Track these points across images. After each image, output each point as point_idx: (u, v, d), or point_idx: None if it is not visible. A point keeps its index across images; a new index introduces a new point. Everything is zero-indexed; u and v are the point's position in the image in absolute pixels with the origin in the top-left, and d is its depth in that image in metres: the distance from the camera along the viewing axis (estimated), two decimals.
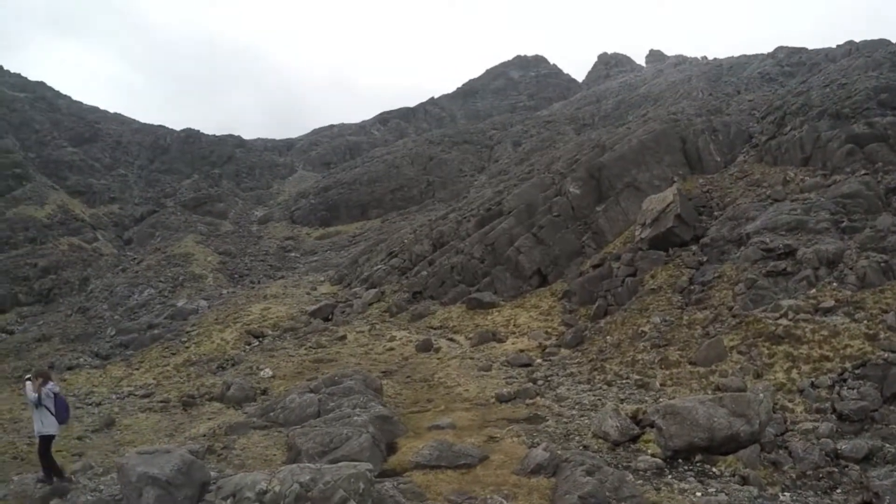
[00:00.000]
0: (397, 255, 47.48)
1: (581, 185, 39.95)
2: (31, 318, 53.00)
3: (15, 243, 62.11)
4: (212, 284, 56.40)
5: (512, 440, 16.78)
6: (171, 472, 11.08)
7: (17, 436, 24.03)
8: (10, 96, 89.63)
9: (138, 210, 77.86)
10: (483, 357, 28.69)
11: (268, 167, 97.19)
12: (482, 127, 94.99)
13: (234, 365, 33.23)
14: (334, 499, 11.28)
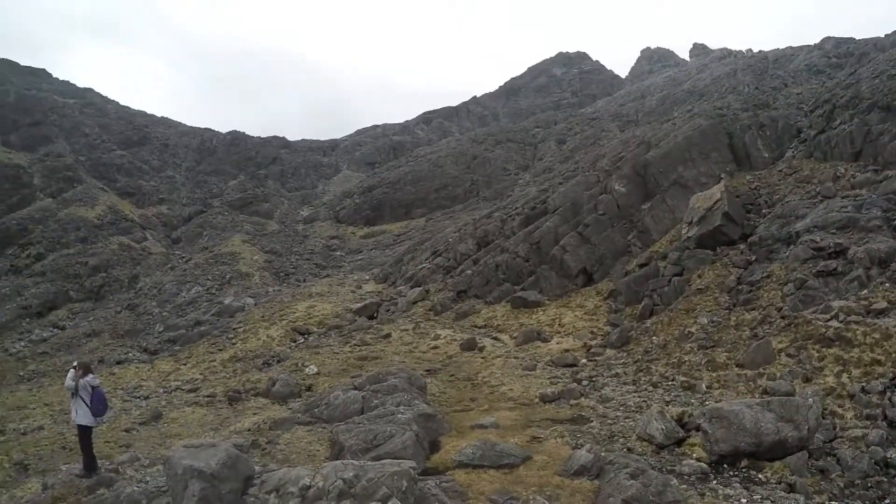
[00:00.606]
0: (442, 254, 47.52)
1: (626, 182, 39.43)
2: (81, 315, 54.29)
3: (67, 243, 63.77)
4: (258, 282, 57.19)
5: (555, 441, 16.63)
6: (217, 466, 11.11)
7: (65, 427, 24.73)
8: (60, 102, 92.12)
9: (186, 210, 79.35)
10: (527, 356, 28.48)
11: (312, 167, 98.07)
12: (525, 125, 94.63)
13: (280, 361, 33.59)
14: (377, 496, 11.28)
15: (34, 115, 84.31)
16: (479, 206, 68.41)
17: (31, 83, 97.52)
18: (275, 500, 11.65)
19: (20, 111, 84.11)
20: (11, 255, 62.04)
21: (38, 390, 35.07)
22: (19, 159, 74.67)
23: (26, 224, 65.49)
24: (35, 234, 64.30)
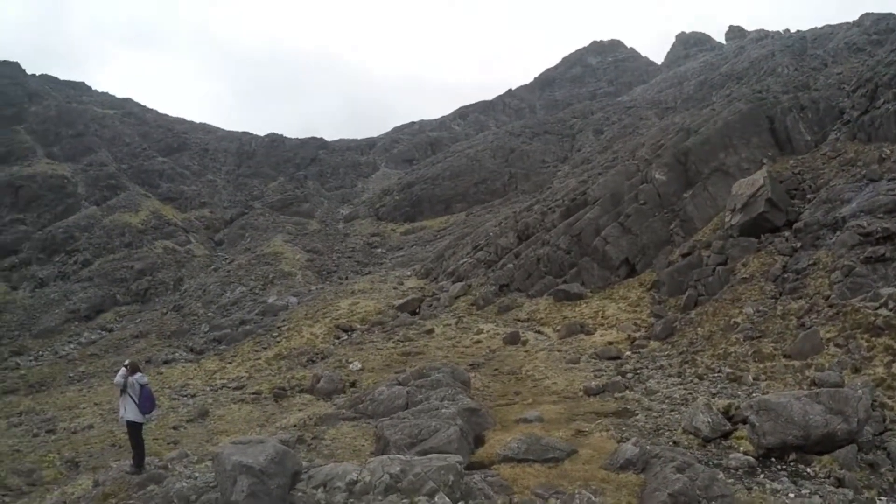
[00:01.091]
0: (483, 248, 47.44)
1: (667, 171, 38.83)
2: (128, 317, 55.44)
3: (112, 248, 65.33)
4: (301, 281, 57.74)
5: (600, 434, 16.53)
6: (265, 462, 11.21)
7: (115, 425, 25.14)
8: (100, 113, 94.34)
9: (228, 213, 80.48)
10: (571, 349, 28.26)
11: (351, 166, 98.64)
12: (562, 116, 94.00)
13: (324, 358, 33.88)
14: (423, 490, 11.32)
15: (76, 127, 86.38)
16: (519, 199, 68.20)
17: (72, 96, 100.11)
18: (322, 494, 11.72)
19: (62, 124, 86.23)
20: (59, 261, 63.76)
21: (88, 391, 35.86)
22: (63, 170, 76.68)
23: (73, 232, 67.23)
24: (81, 241, 65.97)
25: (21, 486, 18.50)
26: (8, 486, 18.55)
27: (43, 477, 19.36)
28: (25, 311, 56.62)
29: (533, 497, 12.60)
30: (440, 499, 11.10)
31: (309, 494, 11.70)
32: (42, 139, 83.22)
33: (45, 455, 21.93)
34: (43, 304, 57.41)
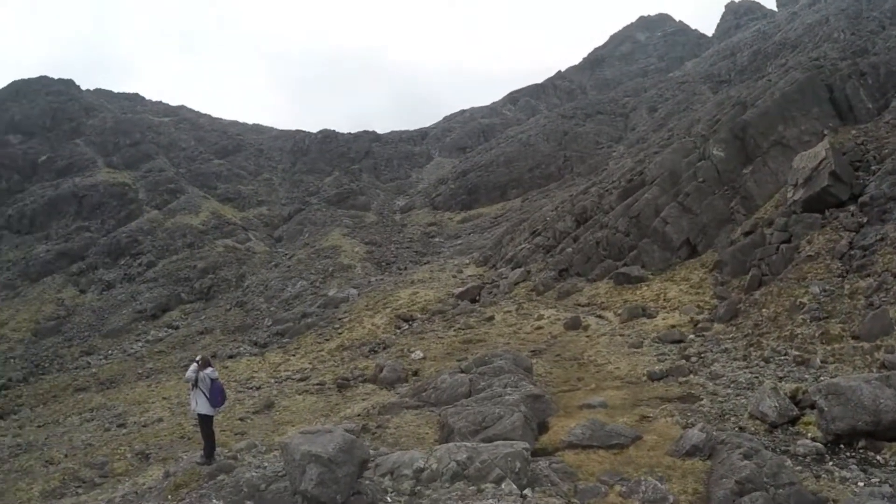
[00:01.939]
0: (540, 234, 47.07)
1: (725, 147, 37.70)
2: (193, 314, 56.87)
3: (175, 249, 67.16)
4: (360, 273, 58.32)
5: (665, 420, 16.34)
6: (334, 451, 11.23)
7: (183, 418, 26.07)
8: (155, 122, 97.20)
9: (285, 210, 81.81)
10: (633, 334, 27.80)
11: (405, 157, 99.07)
12: (614, 95, 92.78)
13: (386, 348, 34.18)
14: (490, 477, 11.41)
15: (133, 136, 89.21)
16: (575, 182, 67.62)
17: (127, 107, 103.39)
18: (389, 482, 11.92)
19: (119, 134, 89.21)
20: (125, 264, 65.83)
21: (157, 386, 37.03)
22: (124, 178, 79.31)
23: (136, 236, 69.40)
24: (145, 244, 68.01)
25: (94, 478, 19.21)
26: (81, 478, 19.28)
27: (114, 469, 20.07)
28: (94, 312, 58.60)
29: (598, 484, 12.57)
30: (507, 486, 11.16)
31: (376, 482, 11.87)
32: (101, 150, 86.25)
33: (117, 448, 22.69)
34: (111, 305, 59.33)
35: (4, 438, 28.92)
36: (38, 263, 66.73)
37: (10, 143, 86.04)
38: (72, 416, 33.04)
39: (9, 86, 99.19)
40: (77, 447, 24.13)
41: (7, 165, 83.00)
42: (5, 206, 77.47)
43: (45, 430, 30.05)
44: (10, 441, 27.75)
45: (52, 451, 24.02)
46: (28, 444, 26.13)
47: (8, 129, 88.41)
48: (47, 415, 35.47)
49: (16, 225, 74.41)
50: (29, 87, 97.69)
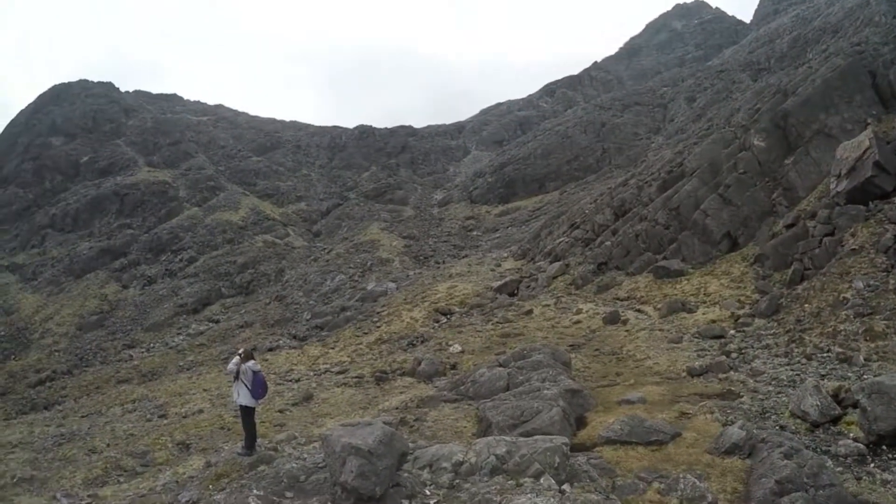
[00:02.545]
0: (579, 227, 46.71)
1: (765, 136, 36.71)
2: (233, 308, 57.78)
3: (216, 245, 68.33)
4: (398, 267, 58.62)
5: (705, 417, 16.10)
6: (374, 443, 11.28)
7: (223, 409, 26.43)
8: (194, 121, 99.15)
9: (323, 205, 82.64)
10: (673, 328, 27.40)
11: (441, 151, 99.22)
12: (651, 85, 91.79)
13: (424, 342, 34.26)
14: (530, 471, 11.39)
15: (172, 136, 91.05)
16: (613, 174, 67.10)
17: (165, 108, 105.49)
18: (428, 475, 11.95)
19: (159, 133, 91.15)
20: (166, 260, 67.15)
21: (197, 378, 37.63)
22: (164, 176, 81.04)
23: (177, 232, 70.82)
24: (185, 241, 69.30)
25: (135, 468, 19.49)
26: (123, 467, 19.60)
27: (156, 458, 20.32)
28: (136, 307, 59.89)
29: (636, 480, 12.49)
30: (546, 480, 11.13)
31: (415, 475, 11.91)
32: (141, 149, 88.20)
33: (158, 438, 23.00)
34: (152, 300, 60.58)
35: (49, 428, 29.45)
36: (82, 260, 68.46)
37: (52, 146, 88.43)
38: (114, 406, 33.58)
39: (50, 90, 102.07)
40: (119, 437, 24.54)
41: (50, 167, 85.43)
42: (49, 205, 79.86)
43: (88, 421, 30.52)
44: (55, 431, 28.26)
45: (95, 440, 24.40)
46: (71, 434, 26.56)
47: (50, 131, 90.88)
48: (90, 405, 36.14)
49: (60, 223, 76.58)
50: (69, 90, 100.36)
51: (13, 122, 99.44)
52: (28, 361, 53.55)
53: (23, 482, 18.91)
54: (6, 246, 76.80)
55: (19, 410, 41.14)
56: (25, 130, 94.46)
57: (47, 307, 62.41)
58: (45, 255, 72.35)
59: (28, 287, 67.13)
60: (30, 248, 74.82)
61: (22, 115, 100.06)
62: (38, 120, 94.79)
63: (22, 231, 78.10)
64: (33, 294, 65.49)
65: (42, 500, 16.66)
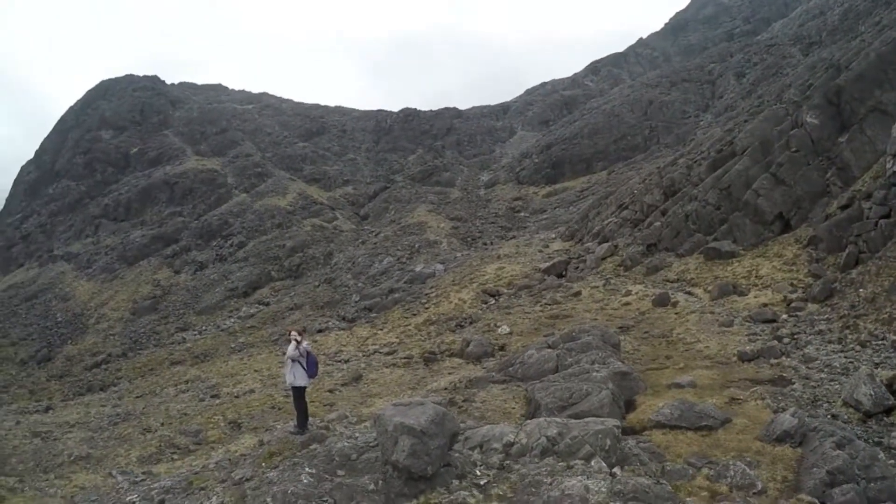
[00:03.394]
0: (628, 207, 46.13)
1: (819, 113, 35.54)
2: (283, 291, 58.67)
3: (265, 230, 69.43)
4: (446, 249, 58.82)
5: (755, 403, 15.91)
6: (426, 423, 11.18)
7: (274, 389, 26.97)
8: (240, 110, 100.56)
9: (370, 188, 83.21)
10: (723, 311, 26.92)
11: (487, 133, 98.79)
12: (699, 62, 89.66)
13: (472, 323, 34.38)
14: (580, 454, 11.36)
15: (219, 125, 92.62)
16: (662, 153, 66.17)
17: (211, 97, 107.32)
18: (478, 455, 11.98)
19: (206, 123, 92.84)
20: (216, 245, 68.46)
21: (248, 359, 38.42)
22: (212, 164, 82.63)
23: (226, 218, 72.16)
24: (235, 226, 70.53)
25: (188, 445, 19.99)
26: (176, 445, 20.11)
27: (208, 437, 20.83)
28: (188, 291, 61.21)
29: (686, 466, 12.41)
30: (596, 463, 11.10)
31: (465, 455, 11.95)
32: (189, 139, 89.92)
33: (210, 417, 23.55)
34: (204, 284, 61.87)
35: (104, 408, 30.34)
36: (135, 248, 70.26)
37: (102, 139, 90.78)
38: (168, 387, 34.58)
39: (98, 86, 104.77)
40: (173, 416, 25.11)
41: (101, 159, 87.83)
42: (102, 196, 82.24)
43: (143, 401, 31.38)
44: (110, 411, 29.04)
45: (149, 419, 25.01)
46: (126, 414, 27.27)
47: (100, 125, 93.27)
48: (145, 386, 37.21)
49: (112, 213, 78.82)
50: (117, 85, 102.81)
51: (63, 119, 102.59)
52: (84, 345, 55.26)
53: (80, 460, 19.50)
54: (61, 236, 79.52)
55: (76, 392, 42.52)
56: (75, 126, 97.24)
57: (102, 293, 64.21)
58: (99, 244, 74.49)
59: (83, 275, 69.16)
60: (84, 238, 77.13)
61: (71, 111, 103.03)
62: (88, 115, 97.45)
63: (76, 222, 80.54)
64: (88, 281, 67.45)
65: (98, 477, 17.07)
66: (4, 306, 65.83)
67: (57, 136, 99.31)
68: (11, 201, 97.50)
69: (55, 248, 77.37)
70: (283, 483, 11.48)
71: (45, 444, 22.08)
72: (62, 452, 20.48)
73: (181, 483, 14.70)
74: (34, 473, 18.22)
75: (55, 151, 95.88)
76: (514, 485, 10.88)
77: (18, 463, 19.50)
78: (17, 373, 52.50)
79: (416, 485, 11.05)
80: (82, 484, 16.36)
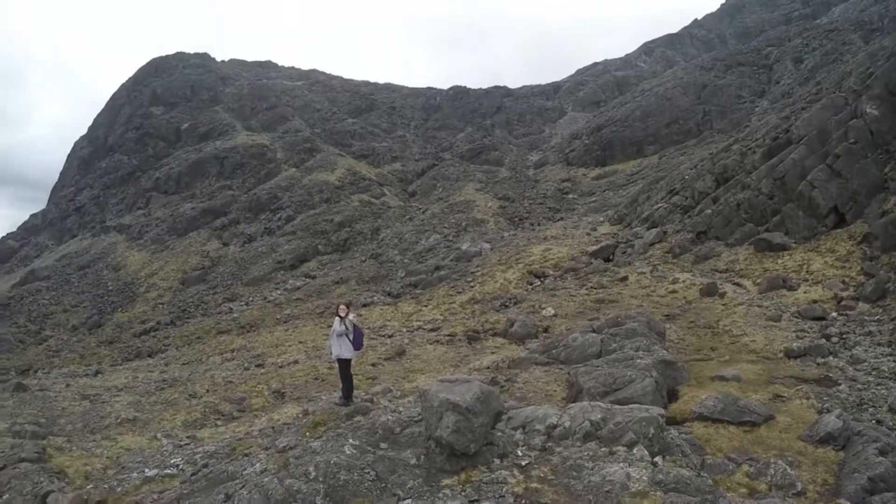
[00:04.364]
0: (678, 193, 45.58)
1: (879, 104, 34.18)
2: (329, 265, 59.68)
3: (313, 204, 70.48)
4: (493, 228, 59.01)
5: (800, 402, 15.62)
6: (471, 400, 11.26)
7: (318, 361, 27.36)
8: (289, 86, 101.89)
9: (419, 165, 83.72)
10: (772, 305, 26.34)
11: (537, 112, 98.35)
12: (756, 45, 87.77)
13: (517, 303, 34.41)
14: (623, 440, 11.28)
15: (269, 101, 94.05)
16: (715, 139, 65.18)
17: (261, 74, 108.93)
18: (521, 436, 11.95)
19: (256, 99, 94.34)
20: (265, 219, 69.70)
21: (294, 330, 39.06)
22: (262, 139, 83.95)
23: (275, 192, 73.42)
24: (283, 200, 71.69)
25: (232, 412, 20.43)
26: (221, 411, 20.57)
27: (252, 405, 21.19)
28: (237, 263, 62.55)
29: (726, 460, 12.32)
30: (638, 451, 10.97)
31: (508, 435, 11.91)
32: (239, 115, 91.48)
33: (255, 386, 23.94)
34: (252, 256, 63.12)
35: (152, 374, 31.18)
36: (185, 220, 71.96)
37: (153, 115, 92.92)
38: (214, 356, 35.35)
39: (148, 63, 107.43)
40: (218, 384, 25.57)
41: (153, 134, 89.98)
42: (153, 170, 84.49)
43: (189, 368, 32.09)
44: (157, 376, 29.78)
45: (195, 386, 25.52)
46: (173, 380, 27.89)
47: (151, 101, 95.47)
48: (191, 354, 38.14)
49: (163, 186, 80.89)
50: (167, 62, 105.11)
51: (115, 96, 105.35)
52: (134, 313, 57.03)
53: (126, 422, 20.03)
54: (113, 208, 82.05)
55: (125, 357, 43.89)
56: (127, 102, 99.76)
57: (152, 264, 66.00)
58: (150, 216, 76.59)
59: (134, 245, 71.24)
60: (135, 210, 79.36)
61: (123, 88, 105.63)
62: (139, 91, 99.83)
63: (128, 195, 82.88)
64: (139, 252, 69.37)
65: (143, 439, 17.44)
66: (58, 275, 68.26)
67: (109, 113, 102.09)
68: (65, 175, 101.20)
69: (107, 220, 79.85)
70: (326, 453, 11.61)
71: (93, 407, 22.70)
72: (109, 415, 21.06)
73: (224, 448, 15.00)
74: (82, 434, 18.72)
75: (108, 127, 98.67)
76: (556, 467, 10.85)
77: (67, 423, 20.08)
78: (69, 338, 54.44)
79: (457, 461, 11.11)
80: (128, 446, 16.77)
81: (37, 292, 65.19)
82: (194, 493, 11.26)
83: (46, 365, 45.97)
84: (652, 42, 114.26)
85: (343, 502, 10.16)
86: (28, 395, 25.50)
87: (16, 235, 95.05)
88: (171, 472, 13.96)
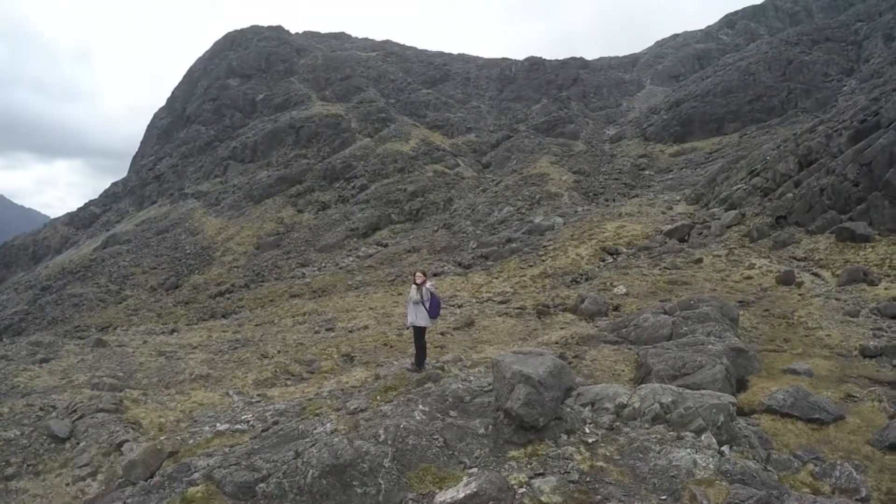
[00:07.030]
0: (759, 174, 44.10)
1: None
2: (401, 234, 60.60)
3: (387, 174, 71.49)
4: (567, 202, 58.67)
5: (872, 404, 15.01)
6: (544, 374, 11.28)
7: (387, 327, 28.00)
8: (363, 57, 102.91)
9: (493, 137, 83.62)
10: (850, 299, 25.24)
11: (615, 85, 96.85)
12: (845, 20, 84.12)
13: (588, 280, 34.34)
14: (692, 426, 11.18)
15: (343, 71, 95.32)
16: (799, 118, 63.26)
17: (335, 45, 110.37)
18: (589, 413, 11.96)
19: (330, 70, 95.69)
20: (339, 187, 71.13)
21: (365, 297, 39.87)
22: (337, 109, 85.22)
23: (349, 161, 74.71)
24: (357, 169, 72.91)
25: (302, 373, 21.17)
26: (291, 372, 21.32)
27: (322, 367, 21.87)
28: (310, 230, 64.00)
29: (791, 457, 12.08)
30: (707, 438, 10.90)
31: (576, 411, 11.88)
32: (314, 85, 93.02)
33: (325, 349, 24.62)
34: (325, 223, 64.51)
35: (225, 334, 32.26)
36: (261, 187, 73.95)
37: (230, 87, 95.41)
38: (285, 318, 36.21)
39: (224, 37, 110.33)
40: (289, 345, 26.30)
41: (229, 105, 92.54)
42: (230, 139, 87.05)
43: (261, 329, 32.97)
44: (230, 336, 30.78)
45: (267, 346, 26.27)
46: (246, 340, 28.79)
47: (228, 74, 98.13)
48: (264, 316, 39.11)
49: (240, 155, 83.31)
50: (242, 36, 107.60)
51: (192, 68, 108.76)
52: (210, 276, 59.13)
53: (199, 379, 20.96)
54: (191, 176, 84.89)
55: (200, 317, 45.60)
56: (204, 75, 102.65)
57: (228, 229, 68.09)
58: (227, 184, 79.06)
59: (211, 211, 73.61)
60: (212, 178, 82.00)
61: (200, 61, 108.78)
62: (215, 64, 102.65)
63: (205, 163, 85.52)
64: (216, 217, 71.66)
65: (216, 395, 18.08)
66: (138, 238, 71.17)
67: (187, 85, 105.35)
68: (145, 145, 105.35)
69: (186, 187, 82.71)
70: (396, 417, 11.82)
71: (168, 363, 23.77)
72: (184, 371, 22.02)
73: (295, 407, 15.37)
74: (157, 388, 19.66)
75: (185, 99, 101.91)
76: (622, 447, 10.86)
77: (143, 378, 21.19)
78: (147, 298, 56.86)
79: (525, 434, 11.14)
80: (201, 401, 17.40)
81: (118, 255, 68.22)
82: (265, 448, 11.55)
83: (125, 323, 48.34)
84: (734, 14, 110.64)
85: (410, 466, 10.39)
86: (107, 351, 26.91)
87: (97, 202, 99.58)
88: (242, 427, 14.48)
